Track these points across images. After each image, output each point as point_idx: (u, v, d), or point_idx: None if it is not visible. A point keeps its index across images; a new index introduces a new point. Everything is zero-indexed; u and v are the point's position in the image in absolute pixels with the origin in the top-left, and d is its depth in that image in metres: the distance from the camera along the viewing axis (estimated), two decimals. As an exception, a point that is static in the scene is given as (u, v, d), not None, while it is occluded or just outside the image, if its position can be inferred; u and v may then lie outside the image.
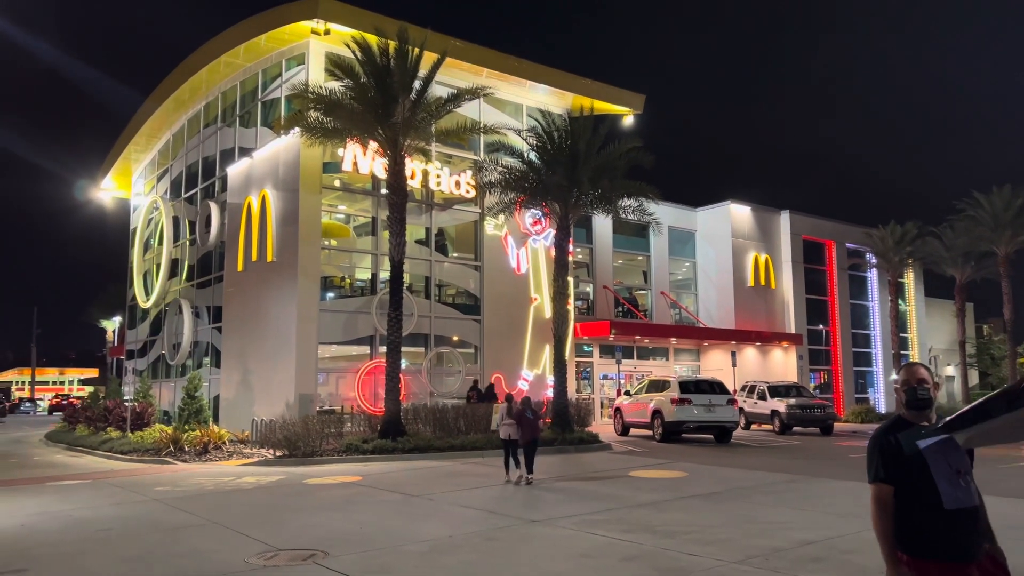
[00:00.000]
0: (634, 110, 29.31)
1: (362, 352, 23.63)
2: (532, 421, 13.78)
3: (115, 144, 35.23)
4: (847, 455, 18.76)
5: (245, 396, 23.76)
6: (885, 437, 3.63)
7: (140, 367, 33.42)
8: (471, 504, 11.34)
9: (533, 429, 13.75)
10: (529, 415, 13.81)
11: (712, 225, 34.29)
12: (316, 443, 17.84)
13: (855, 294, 38.44)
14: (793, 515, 10.23)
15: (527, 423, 13.68)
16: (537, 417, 14.11)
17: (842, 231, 37.95)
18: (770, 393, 26.80)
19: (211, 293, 27.54)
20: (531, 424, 13.72)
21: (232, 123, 27.68)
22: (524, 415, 13.77)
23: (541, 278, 26.65)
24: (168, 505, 11.74)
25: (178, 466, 17.39)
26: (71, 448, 22.82)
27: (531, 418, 13.79)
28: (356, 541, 8.82)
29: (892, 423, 3.70)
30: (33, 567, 8.04)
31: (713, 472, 15.03)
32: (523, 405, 14.07)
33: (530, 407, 14.08)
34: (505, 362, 25.44)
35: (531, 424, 13.72)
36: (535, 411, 14.16)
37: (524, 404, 14.12)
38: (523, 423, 13.68)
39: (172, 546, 8.93)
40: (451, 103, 20.29)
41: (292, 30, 23.17)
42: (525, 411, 13.85)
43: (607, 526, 9.42)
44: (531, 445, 13.67)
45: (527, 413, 13.81)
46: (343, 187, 24.15)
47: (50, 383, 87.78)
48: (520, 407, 14.02)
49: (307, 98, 19.48)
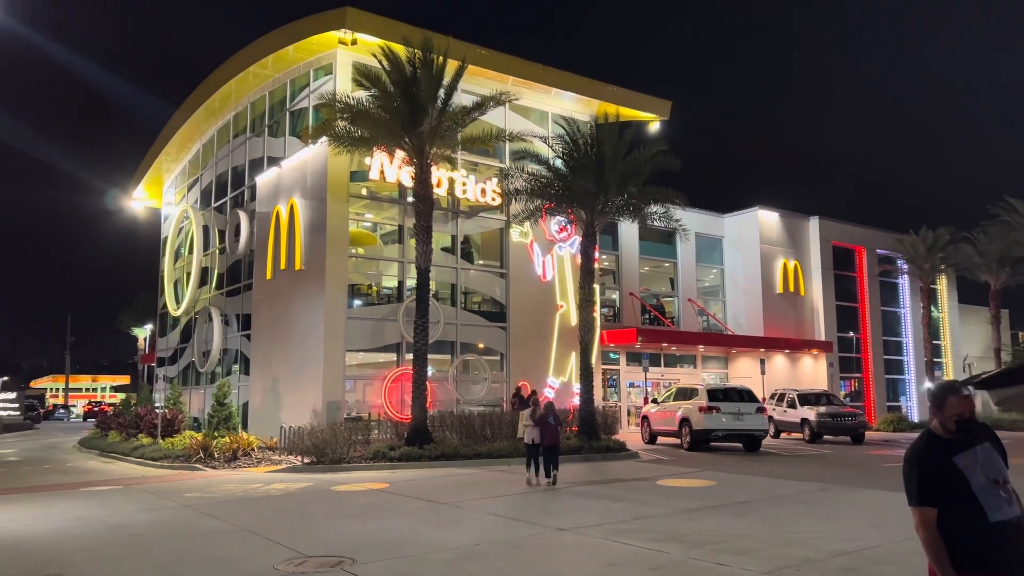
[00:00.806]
0: (660, 116, 29.19)
1: (389, 359, 23.71)
2: (553, 426, 14.31)
3: (146, 154, 35.80)
4: (879, 464, 18.47)
5: (273, 403, 23.96)
6: (922, 457, 3.55)
7: (171, 374, 33.82)
8: (498, 512, 11.31)
9: (554, 434, 14.28)
10: (551, 420, 14.30)
11: (740, 231, 34.02)
12: (343, 450, 17.93)
13: (886, 301, 37.89)
14: (825, 525, 10.08)
15: (549, 428, 14.20)
16: (558, 423, 14.66)
17: (873, 237, 37.47)
18: (800, 401, 26.47)
19: (240, 301, 27.83)
20: (552, 429, 14.25)
21: (261, 133, 28.01)
22: (547, 420, 14.26)
23: (567, 285, 26.59)
24: (198, 511, 11.86)
25: (208, 472, 17.57)
26: (104, 454, 23.16)
27: (552, 423, 14.29)
28: (383, 548, 8.83)
29: (926, 442, 3.61)
30: (68, 572, 8.16)
31: (742, 481, 14.86)
32: (546, 411, 14.54)
33: (553, 413, 14.55)
34: (531, 370, 25.39)
35: (552, 429, 14.25)
36: (557, 417, 14.64)
37: (547, 410, 14.61)
38: (545, 428, 14.17)
39: (203, 552, 9.01)
40: (476, 111, 20.37)
41: (320, 40, 23.41)
42: (548, 416, 14.32)
43: (635, 535, 9.34)
44: (552, 449, 14.25)
45: (549, 419, 14.30)
46: (370, 195, 24.31)
47: (83, 390, 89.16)
48: (543, 412, 14.44)
49: (335, 107, 19.67)
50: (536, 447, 14.24)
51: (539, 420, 14.29)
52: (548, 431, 14.18)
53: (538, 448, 14.22)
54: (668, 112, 29.29)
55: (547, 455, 14.20)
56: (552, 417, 14.40)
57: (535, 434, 14.23)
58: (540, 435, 14.19)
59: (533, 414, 14.46)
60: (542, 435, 14.16)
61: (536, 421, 14.31)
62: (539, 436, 14.19)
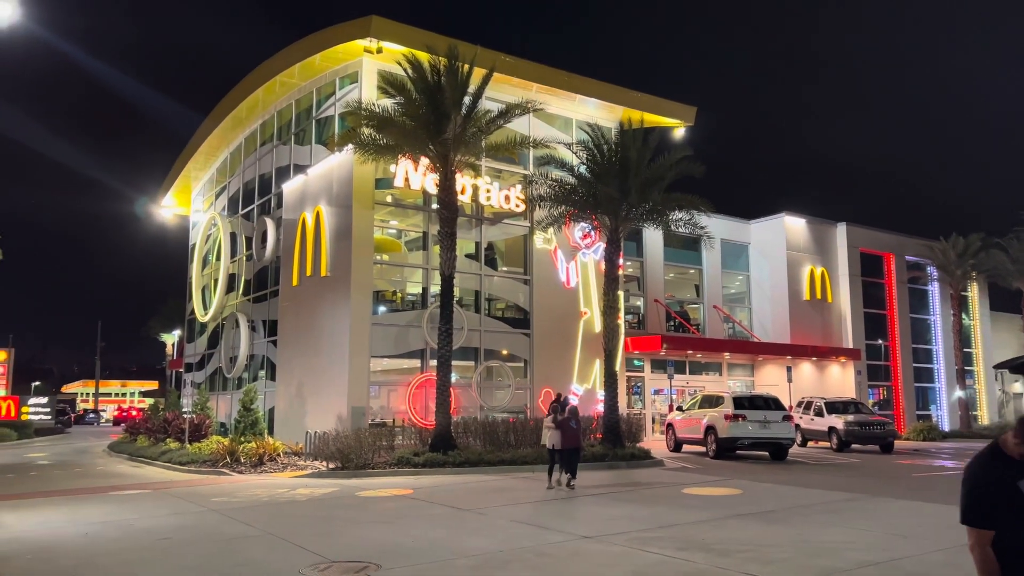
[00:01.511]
0: (685, 122, 29.08)
1: (413, 365, 23.80)
2: (574, 430, 14.60)
3: (175, 162, 36.33)
4: (909, 474, 18.18)
5: (299, 409, 24.13)
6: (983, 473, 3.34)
7: (198, 380, 34.18)
8: (522, 519, 11.29)
9: (574, 438, 14.56)
10: (573, 424, 14.58)
11: (766, 238, 33.76)
12: (368, 456, 18.00)
13: (916, 308, 37.37)
14: (853, 535, 9.94)
15: (569, 431, 14.50)
16: (580, 427, 14.94)
17: (901, 243, 36.99)
18: (827, 409, 26.15)
19: (267, 307, 28.10)
20: (573, 433, 14.55)
21: (287, 141, 28.30)
22: (568, 424, 14.53)
23: (591, 292, 26.54)
24: (225, 515, 11.96)
25: (234, 477, 17.72)
26: (132, 458, 23.46)
27: (573, 427, 14.58)
28: (407, 554, 8.85)
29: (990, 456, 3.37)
30: (97, 575, 8.26)
31: (769, 490, 14.71)
32: (569, 415, 14.72)
33: (575, 417, 14.78)
34: (555, 376, 25.35)
35: (573, 433, 14.55)
36: (578, 421, 14.90)
37: (571, 414, 14.79)
38: (565, 431, 14.47)
39: (229, 556, 9.09)
40: (501, 118, 20.42)
41: (346, 49, 23.62)
42: (570, 420, 14.58)
43: (660, 543, 9.28)
44: (573, 452, 14.54)
45: (571, 423, 14.56)
46: (395, 202, 24.45)
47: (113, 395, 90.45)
48: (566, 416, 14.65)
49: (360, 115, 19.82)
50: (556, 451, 14.53)
51: (560, 423, 14.54)
52: (569, 435, 14.45)
53: (558, 452, 14.52)
54: (693, 118, 29.17)
55: (568, 457, 14.45)
56: (574, 421, 14.64)
57: (556, 438, 14.50)
58: (560, 439, 14.45)
59: (555, 417, 14.68)
60: (562, 438, 14.43)
61: (557, 424, 14.55)
62: (559, 440, 14.45)
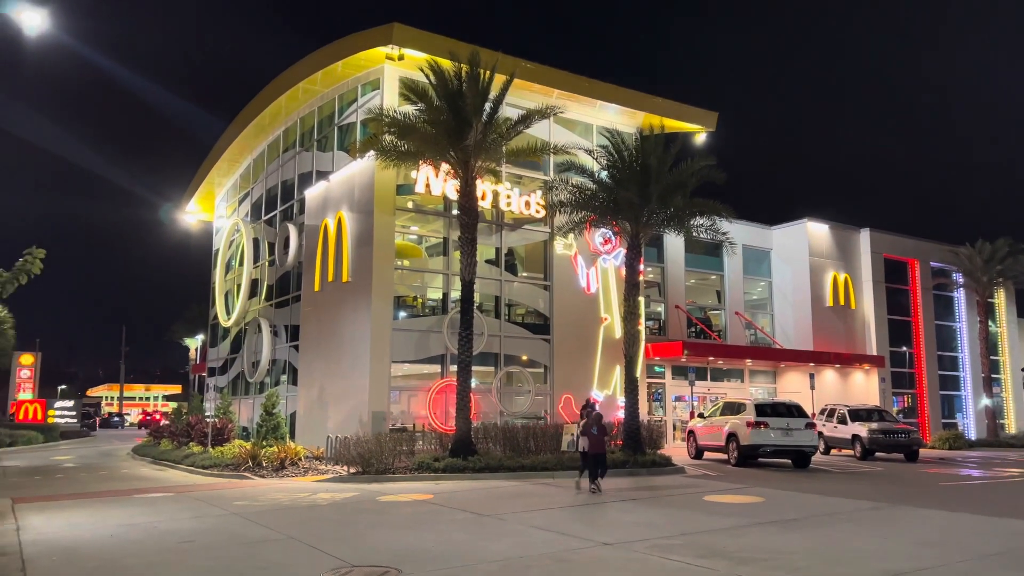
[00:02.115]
0: (707, 128, 28.97)
1: (433, 371, 23.86)
2: (597, 436, 15.37)
3: (199, 169, 36.74)
4: (935, 483, 17.93)
5: (320, 413, 24.27)
6: None
7: (221, 384, 34.51)
8: (542, 525, 11.27)
9: (597, 444, 15.33)
10: (595, 431, 15.37)
11: (788, 244, 33.52)
12: (389, 460, 18.05)
13: (941, 315, 36.92)
14: (877, 544, 9.83)
15: (592, 438, 15.30)
16: (603, 434, 15.73)
17: (926, 249, 36.58)
18: (851, 417, 25.87)
19: (289, 312, 28.30)
20: (596, 439, 15.33)
21: (310, 147, 28.53)
22: (590, 431, 15.37)
23: (611, 298, 26.47)
24: (247, 519, 12.05)
25: (256, 481, 17.84)
26: (156, 462, 23.68)
27: (596, 434, 15.36)
28: (428, 559, 8.87)
29: None
30: (121, 576, 8.35)
31: (791, 498, 14.58)
32: (593, 421, 15.60)
33: (598, 424, 15.57)
34: (575, 382, 25.30)
35: (596, 439, 15.33)
36: (601, 427, 15.65)
37: (595, 421, 15.65)
38: (589, 437, 15.30)
39: (251, 560, 9.15)
40: (521, 124, 20.46)
41: (368, 56, 23.79)
42: (592, 427, 15.41)
43: (681, 551, 9.23)
44: (597, 458, 15.29)
45: (593, 429, 15.38)
46: (416, 208, 24.56)
47: (137, 399, 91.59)
48: (590, 422, 15.55)
49: (382, 122, 19.95)
50: (585, 454, 15.45)
51: (584, 429, 15.53)
52: (592, 440, 15.27)
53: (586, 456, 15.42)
54: (715, 124, 29.06)
55: (592, 461, 15.26)
56: (596, 428, 15.41)
57: (584, 443, 15.42)
58: (588, 443, 15.33)
59: (582, 421, 15.66)
60: (588, 443, 15.31)
61: (582, 431, 15.53)
62: (587, 445, 15.32)
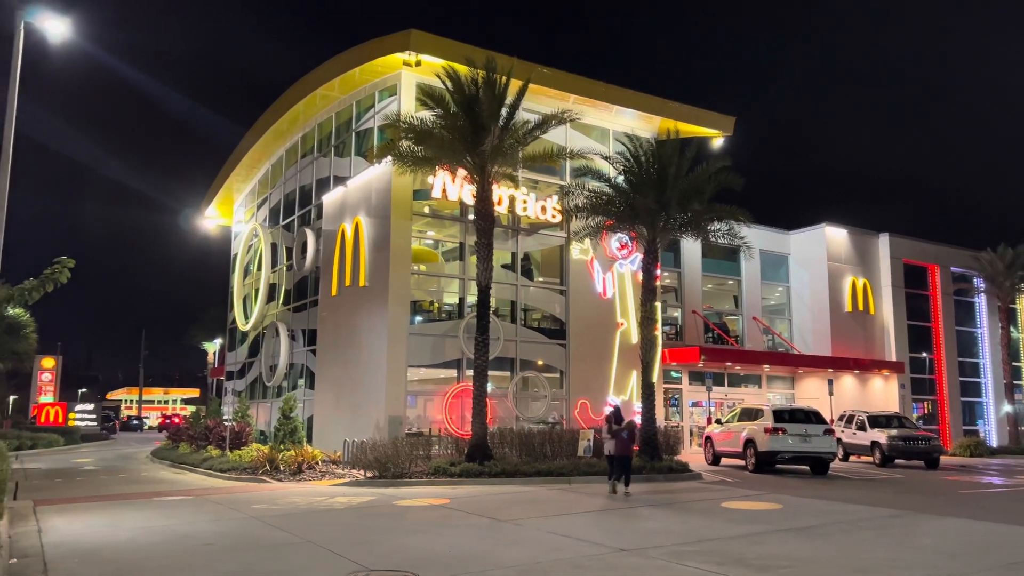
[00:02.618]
0: (724, 132, 28.90)
1: (449, 375, 23.91)
2: (625, 440, 16.06)
3: (218, 174, 37.07)
4: (956, 490, 17.73)
5: (337, 417, 24.36)
6: None
7: (239, 388, 34.74)
8: (558, 530, 11.25)
9: (623, 446, 15.98)
10: (624, 435, 16.09)
11: (806, 249, 33.31)
12: (405, 465, 18.09)
13: (962, 320, 36.53)
14: (897, 552, 9.73)
15: (620, 440, 16.01)
16: (631, 438, 16.40)
17: (947, 254, 36.23)
18: (870, 423, 25.64)
19: (306, 317, 28.46)
20: (623, 442, 16.00)
21: (327, 153, 28.71)
22: (620, 434, 16.05)
23: (627, 303, 26.42)
24: (265, 523, 12.12)
25: (274, 485, 17.93)
26: (175, 465, 23.86)
27: (625, 438, 16.08)
28: (445, 564, 8.87)
29: None
30: (141, 578, 8.41)
31: (810, 505, 14.46)
32: (626, 427, 16.32)
33: (630, 430, 16.38)
34: (591, 387, 25.26)
35: (623, 442, 16.00)
36: (630, 431, 16.36)
37: (628, 427, 16.39)
38: (618, 441, 16.01)
39: (269, 563, 9.20)
40: (538, 129, 20.49)
41: (385, 62, 23.92)
42: (622, 431, 16.09)
43: (698, 558, 9.18)
44: (623, 460, 15.90)
45: (623, 433, 16.08)
46: (432, 213, 24.64)
47: (156, 402, 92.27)
48: (619, 427, 16.18)
49: (399, 128, 20.05)
50: (610, 457, 16.11)
51: (613, 433, 16.14)
52: (619, 443, 15.99)
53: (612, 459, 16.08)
54: (732, 128, 28.98)
55: (618, 464, 15.94)
56: (625, 432, 16.15)
57: (611, 446, 16.07)
58: (613, 447, 16.03)
59: (608, 428, 16.27)
60: (615, 447, 16.01)
61: (612, 434, 16.11)
62: (614, 448, 16.00)
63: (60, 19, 15.96)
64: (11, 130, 15.31)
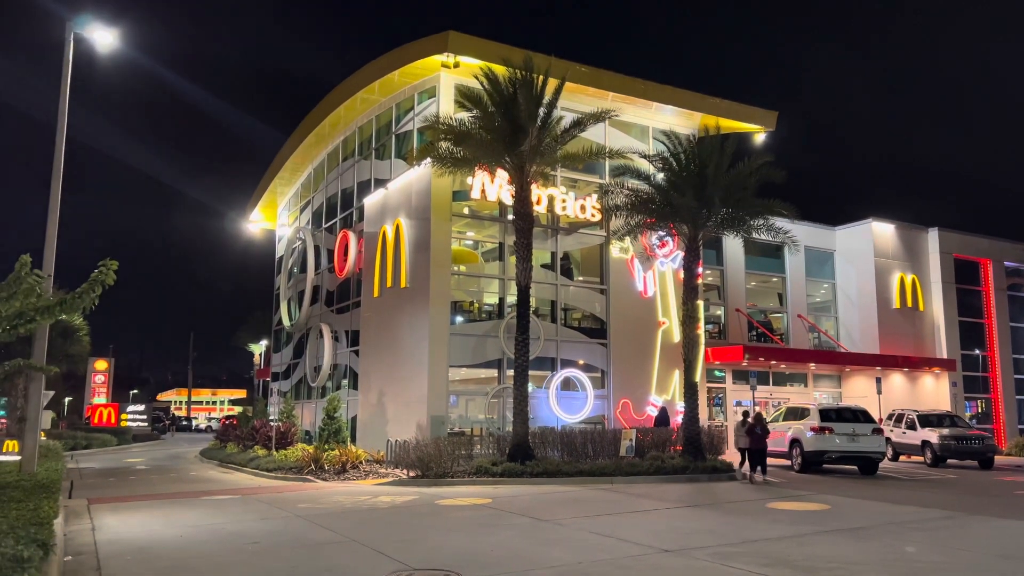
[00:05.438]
0: (766, 127, 28.46)
1: (491, 375, 23.95)
2: (759, 435, 18.24)
3: (262, 179, 37.69)
4: (1011, 491, 17.24)
5: (380, 417, 24.59)
6: None
7: (284, 388, 35.27)
8: (601, 531, 11.20)
9: (757, 440, 18.26)
10: (758, 431, 18.26)
11: (852, 244, 32.65)
12: (447, 464, 18.20)
13: (1016, 316, 35.43)
14: (949, 555, 9.49)
15: (754, 436, 18.24)
16: (765, 433, 18.45)
17: (999, 249, 35.19)
18: (920, 422, 25.03)
19: (349, 318, 28.78)
20: (757, 437, 18.26)
21: (368, 156, 29.00)
22: (754, 430, 18.27)
23: (669, 301, 26.19)
24: (310, 522, 12.29)
25: (318, 484, 18.18)
26: (222, 464, 24.34)
27: (759, 433, 18.25)
28: (487, 563, 8.90)
29: None
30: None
31: (858, 505, 14.18)
32: (756, 421, 18.48)
33: (761, 424, 18.47)
34: (633, 387, 25.10)
35: (757, 437, 18.26)
36: (762, 427, 18.41)
37: (758, 420, 18.57)
38: (752, 436, 18.24)
39: (314, 561, 9.33)
40: (576, 128, 20.42)
41: (424, 65, 24.07)
42: (756, 427, 18.27)
43: (743, 559, 9.06)
44: (758, 453, 18.25)
45: (757, 429, 18.26)
46: (471, 214, 24.72)
47: (204, 403, 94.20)
48: (751, 423, 18.38)
49: (438, 129, 20.16)
50: (745, 450, 18.41)
51: (748, 429, 18.32)
52: (754, 438, 18.19)
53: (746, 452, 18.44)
54: (774, 123, 28.53)
55: (754, 456, 18.28)
56: (760, 428, 18.31)
57: (746, 441, 18.31)
58: (748, 442, 18.27)
59: (743, 424, 18.51)
60: (749, 441, 18.26)
61: (746, 431, 18.32)
62: (748, 442, 18.26)
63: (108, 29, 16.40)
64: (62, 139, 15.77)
